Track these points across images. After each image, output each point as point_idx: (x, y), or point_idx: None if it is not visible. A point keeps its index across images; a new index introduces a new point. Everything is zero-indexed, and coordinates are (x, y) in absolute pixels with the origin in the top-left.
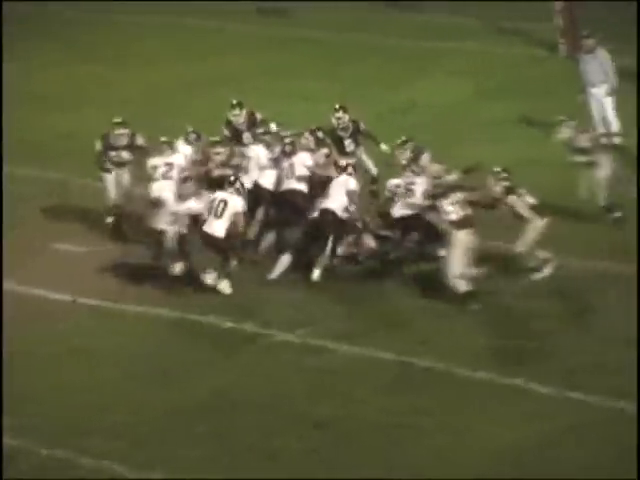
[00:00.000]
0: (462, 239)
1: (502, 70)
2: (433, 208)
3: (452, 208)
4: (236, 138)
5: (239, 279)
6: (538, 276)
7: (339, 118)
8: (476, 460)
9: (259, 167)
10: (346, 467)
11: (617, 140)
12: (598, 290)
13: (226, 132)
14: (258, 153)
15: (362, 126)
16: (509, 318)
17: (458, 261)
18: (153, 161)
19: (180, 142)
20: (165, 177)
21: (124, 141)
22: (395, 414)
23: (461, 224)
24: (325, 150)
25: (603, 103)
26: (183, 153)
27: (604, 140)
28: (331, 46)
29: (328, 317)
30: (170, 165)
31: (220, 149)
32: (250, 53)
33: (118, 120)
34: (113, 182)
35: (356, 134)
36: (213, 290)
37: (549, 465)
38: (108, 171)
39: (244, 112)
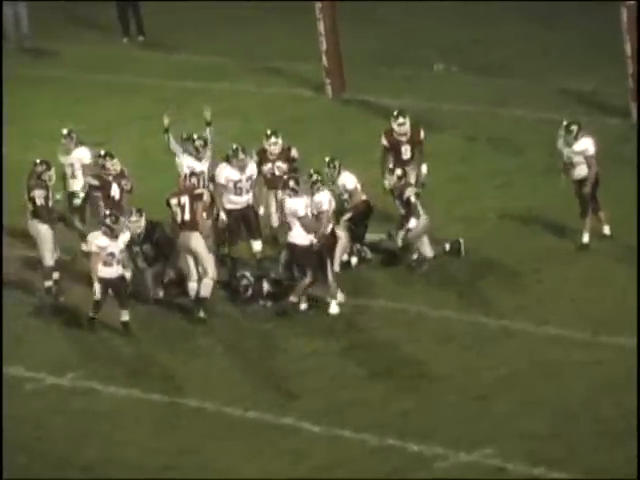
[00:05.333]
0: None
1: (268, 110)
2: None
3: None
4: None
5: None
6: None
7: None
8: None
9: None
10: None
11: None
12: (365, 325)
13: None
14: None
15: None
16: (279, 355)
17: None
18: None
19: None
20: None
21: None
22: (161, 455)
23: None
24: None
25: None
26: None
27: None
28: (85, 87)
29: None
30: None
31: None
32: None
33: None
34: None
35: None
36: None
37: None
38: None
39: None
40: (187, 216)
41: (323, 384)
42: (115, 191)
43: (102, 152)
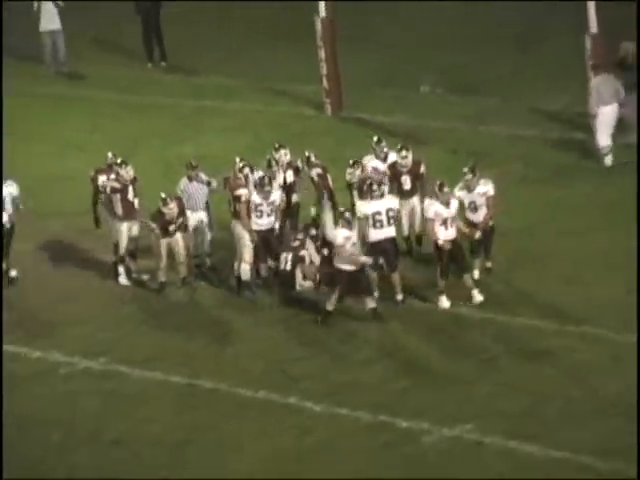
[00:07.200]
0: None
1: (274, 127)
2: None
3: None
4: None
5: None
6: None
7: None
8: (250, 466)
9: None
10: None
11: None
12: (361, 316)
13: None
14: None
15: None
16: (285, 342)
17: None
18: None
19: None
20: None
21: None
22: (181, 430)
23: None
24: None
25: None
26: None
27: None
28: (113, 105)
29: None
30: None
31: None
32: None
33: None
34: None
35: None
36: None
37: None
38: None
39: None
40: (232, 207)
41: (324, 368)
42: (131, 194)
43: (118, 160)
